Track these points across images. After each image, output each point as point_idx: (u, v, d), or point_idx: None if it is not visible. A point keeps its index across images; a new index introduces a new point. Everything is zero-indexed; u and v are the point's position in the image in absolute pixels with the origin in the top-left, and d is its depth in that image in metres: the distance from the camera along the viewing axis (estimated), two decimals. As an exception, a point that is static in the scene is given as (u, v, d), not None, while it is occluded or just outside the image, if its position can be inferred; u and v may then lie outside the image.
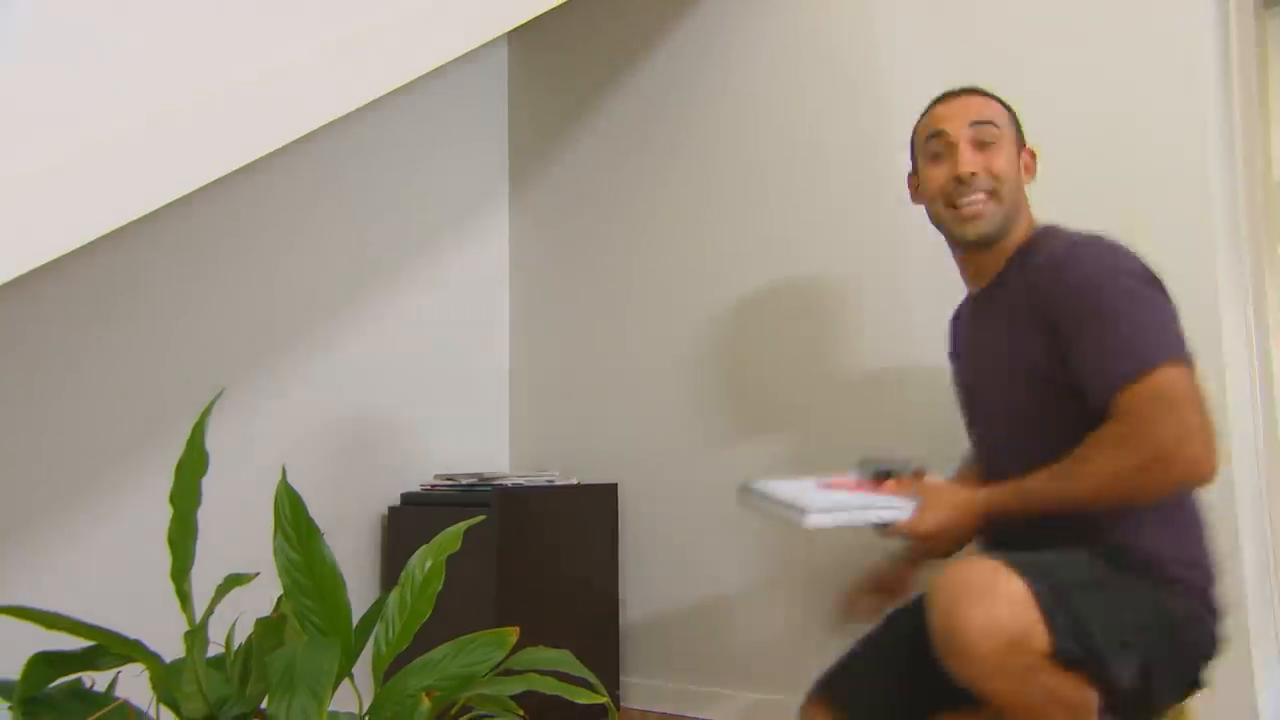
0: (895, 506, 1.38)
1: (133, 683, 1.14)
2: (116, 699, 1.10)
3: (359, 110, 1.70)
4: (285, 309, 2.48)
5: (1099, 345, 1.35)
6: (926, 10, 2.26)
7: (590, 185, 2.91)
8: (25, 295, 1.94)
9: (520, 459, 2.95)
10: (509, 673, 1.21)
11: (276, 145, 1.56)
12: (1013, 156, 1.53)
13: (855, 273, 2.31)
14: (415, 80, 1.80)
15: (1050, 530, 1.36)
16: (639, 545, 2.63)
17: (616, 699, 2.56)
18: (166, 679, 1.10)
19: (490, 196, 3.06)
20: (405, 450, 2.69)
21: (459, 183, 2.97)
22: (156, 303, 2.21)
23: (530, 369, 2.99)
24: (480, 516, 1.41)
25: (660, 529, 2.59)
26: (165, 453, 1.27)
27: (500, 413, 2.99)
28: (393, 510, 2.58)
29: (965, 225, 1.51)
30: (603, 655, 2.53)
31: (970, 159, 1.50)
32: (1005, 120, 1.56)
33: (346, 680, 1.13)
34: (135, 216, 1.37)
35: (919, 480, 1.45)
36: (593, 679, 1.22)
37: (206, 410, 1.20)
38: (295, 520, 1.18)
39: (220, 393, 1.33)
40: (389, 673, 1.20)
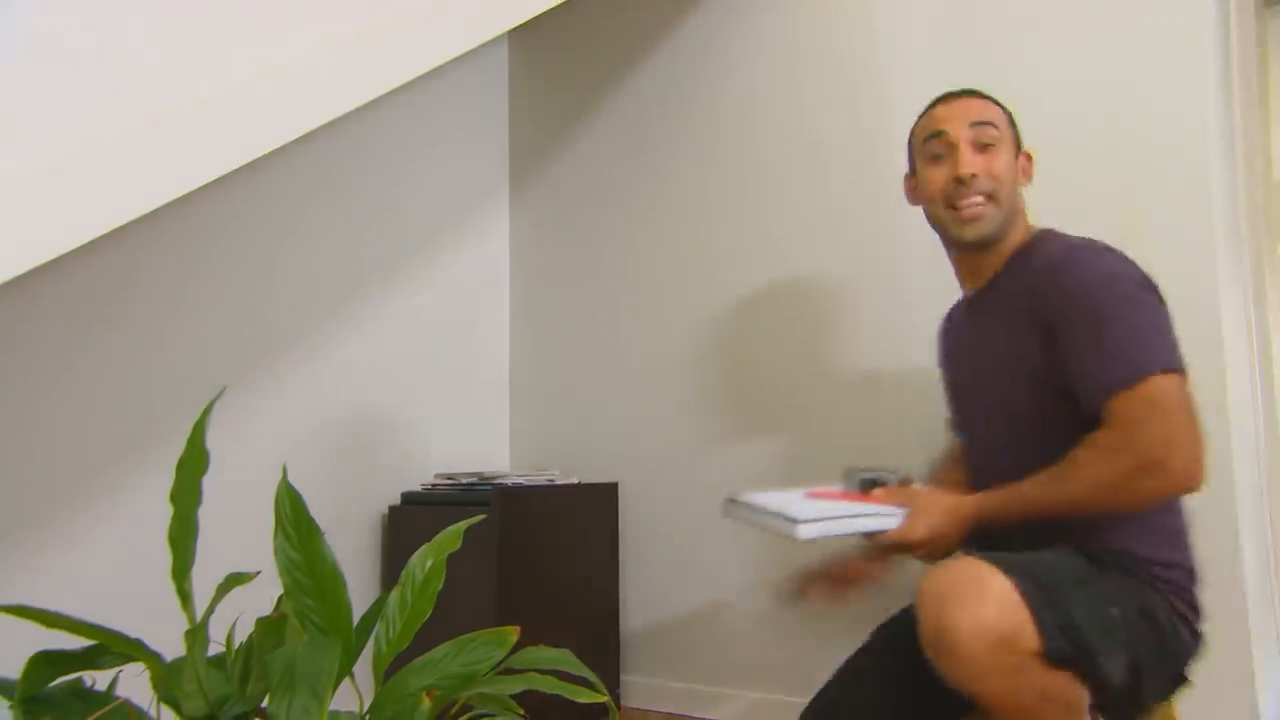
0: (885, 515, 1.39)
1: (133, 682, 1.14)
2: (117, 698, 1.10)
3: (359, 108, 1.70)
4: (286, 307, 2.48)
5: (1094, 350, 1.35)
6: (926, 9, 2.27)
7: (591, 184, 2.91)
8: (26, 295, 1.94)
9: (520, 458, 2.95)
10: (509, 672, 1.21)
11: (276, 144, 1.56)
12: (1011, 159, 1.53)
13: (855, 272, 2.31)
14: (415, 78, 1.80)
15: (1034, 529, 1.37)
16: (639, 544, 2.63)
17: (617, 698, 2.56)
18: (167, 678, 1.10)
19: (490, 195, 3.06)
20: (405, 449, 2.69)
21: (459, 181, 2.97)
22: (157, 301, 2.21)
23: (531, 368, 2.99)
24: (481, 516, 1.41)
25: (660, 528, 2.60)
26: (166, 451, 1.27)
27: (500, 412, 2.99)
28: (393, 509, 2.59)
29: (965, 227, 1.51)
30: (603, 654, 2.53)
31: (970, 160, 1.50)
32: (1004, 122, 1.55)
33: (347, 679, 1.13)
34: (136, 215, 1.37)
35: (907, 488, 1.46)
36: (593, 678, 1.22)
37: (207, 409, 1.20)
38: (296, 519, 1.18)
39: (221, 391, 1.33)
40: (389, 672, 1.20)
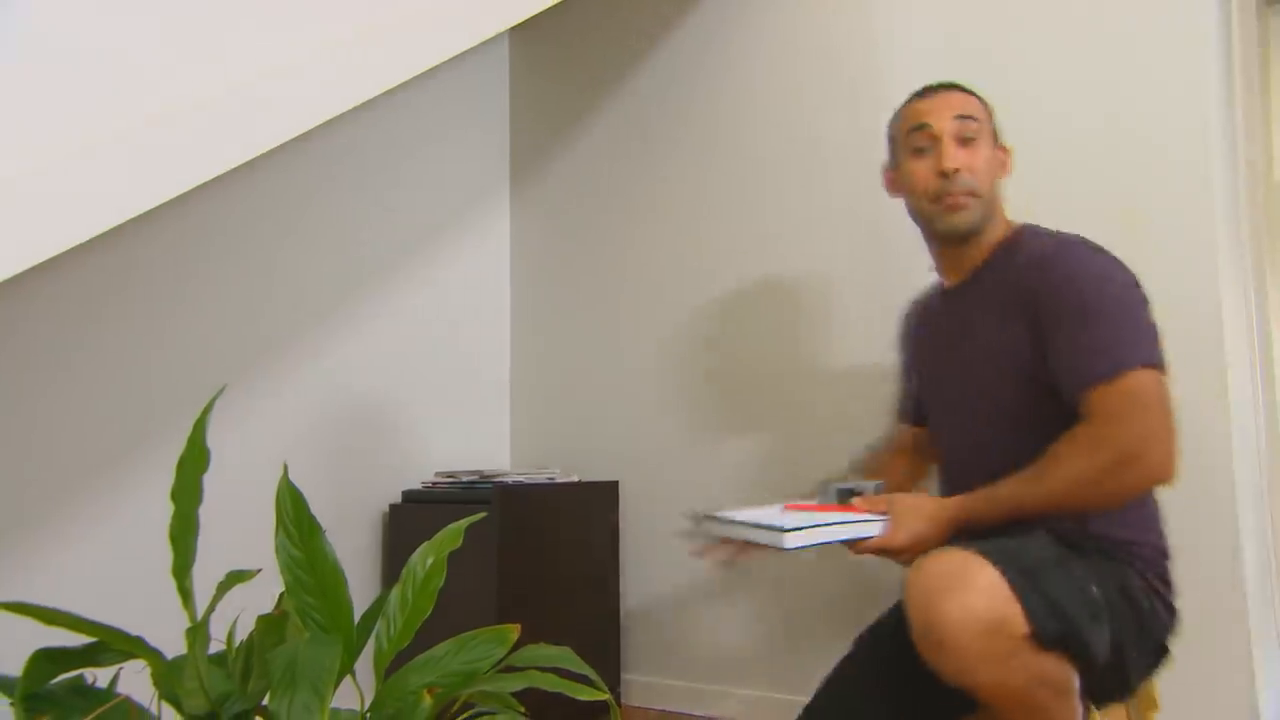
0: (867, 522, 1.40)
1: (134, 679, 1.14)
2: (118, 695, 1.10)
3: (360, 107, 1.70)
4: (287, 305, 2.48)
5: (1076, 343, 1.37)
6: (926, 9, 2.26)
7: (592, 182, 2.91)
8: (26, 294, 1.94)
9: (521, 456, 2.95)
10: (510, 670, 1.21)
11: (276, 142, 1.56)
12: (991, 152, 1.56)
13: (856, 270, 2.31)
14: (416, 76, 1.80)
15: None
16: (640, 542, 2.63)
17: (617, 696, 2.56)
18: (168, 676, 1.10)
19: (491, 192, 3.06)
20: (406, 447, 2.69)
21: (460, 179, 2.97)
22: (158, 300, 2.21)
23: (531, 366, 2.99)
24: (481, 514, 1.41)
25: (661, 526, 2.59)
26: (166, 450, 1.27)
27: (501, 410, 2.99)
28: (394, 508, 2.59)
29: (950, 216, 1.53)
30: (603, 652, 2.53)
31: (954, 154, 1.51)
32: (985, 116, 1.57)
33: (348, 677, 1.13)
34: (137, 213, 1.37)
35: (885, 495, 1.46)
36: (594, 676, 1.22)
37: (208, 406, 1.19)
38: (297, 517, 1.17)
39: (222, 389, 1.33)
40: (390, 670, 1.20)
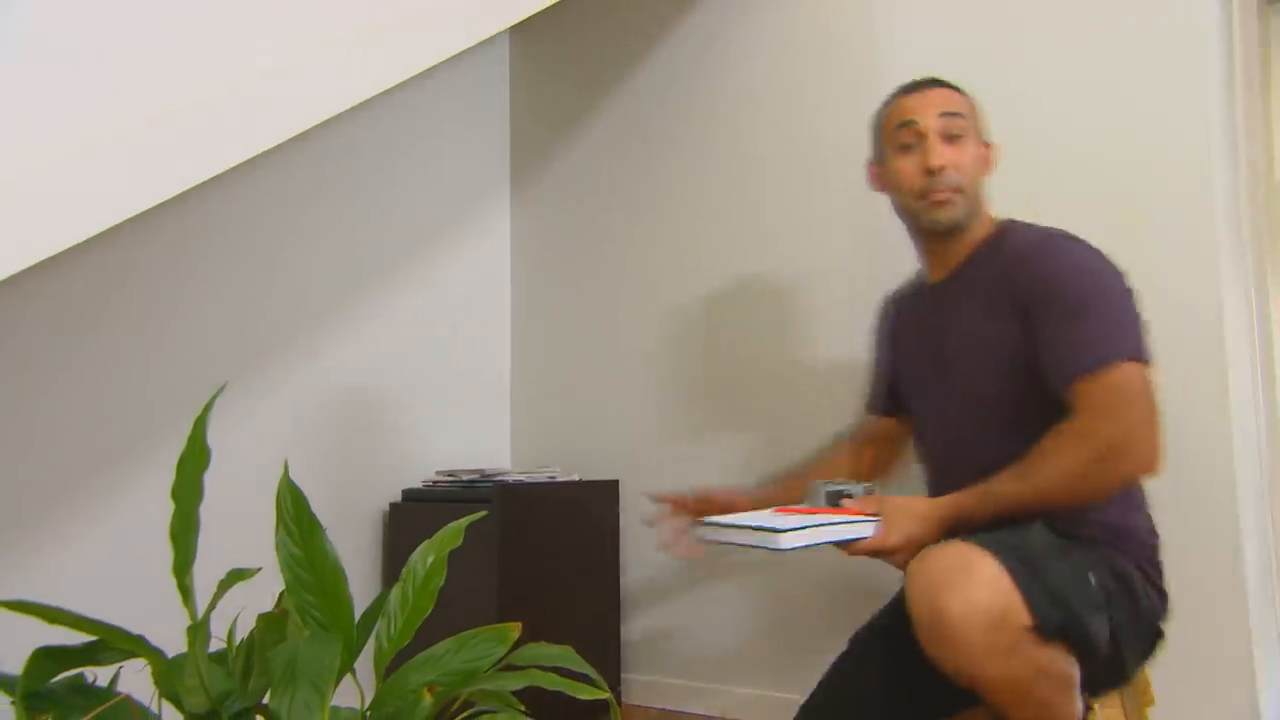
0: (860, 523, 1.40)
1: (135, 678, 1.14)
2: (119, 694, 1.10)
3: (361, 105, 1.71)
4: (287, 304, 2.48)
5: (1063, 336, 1.39)
6: (926, 9, 2.26)
7: (593, 181, 2.91)
8: (26, 293, 1.94)
9: (521, 455, 2.95)
10: (511, 668, 1.21)
11: (276, 141, 1.56)
12: (976, 149, 1.57)
13: (856, 270, 2.31)
14: (417, 75, 1.80)
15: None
16: (640, 541, 2.63)
17: (618, 695, 2.56)
18: (169, 674, 1.10)
19: (492, 190, 3.06)
20: (406, 446, 2.69)
21: (460, 176, 2.97)
22: (159, 299, 2.21)
23: (532, 364, 2.99)
24: (482, 512, 1.40)
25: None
26: (167, 448, 1.27)
27: (501, 409, 2.99)
28: (394, 506, 2.59)
29: (937, 211, 1.54)
30: (604, 651, 2.53)
31: (940, 151, 1.53)
32: (970, 112, 1.58)
33: (349, 675, 1.13)
34: (138, 212, 1.37)
35: (876, 497, 1.47)
36: (594, 675, 1.22)
37: (209, 404, 1.19)
38: (297, 515, 1.17)
39: (222, 387, 1.32)
40: (391, 668, 1.20)
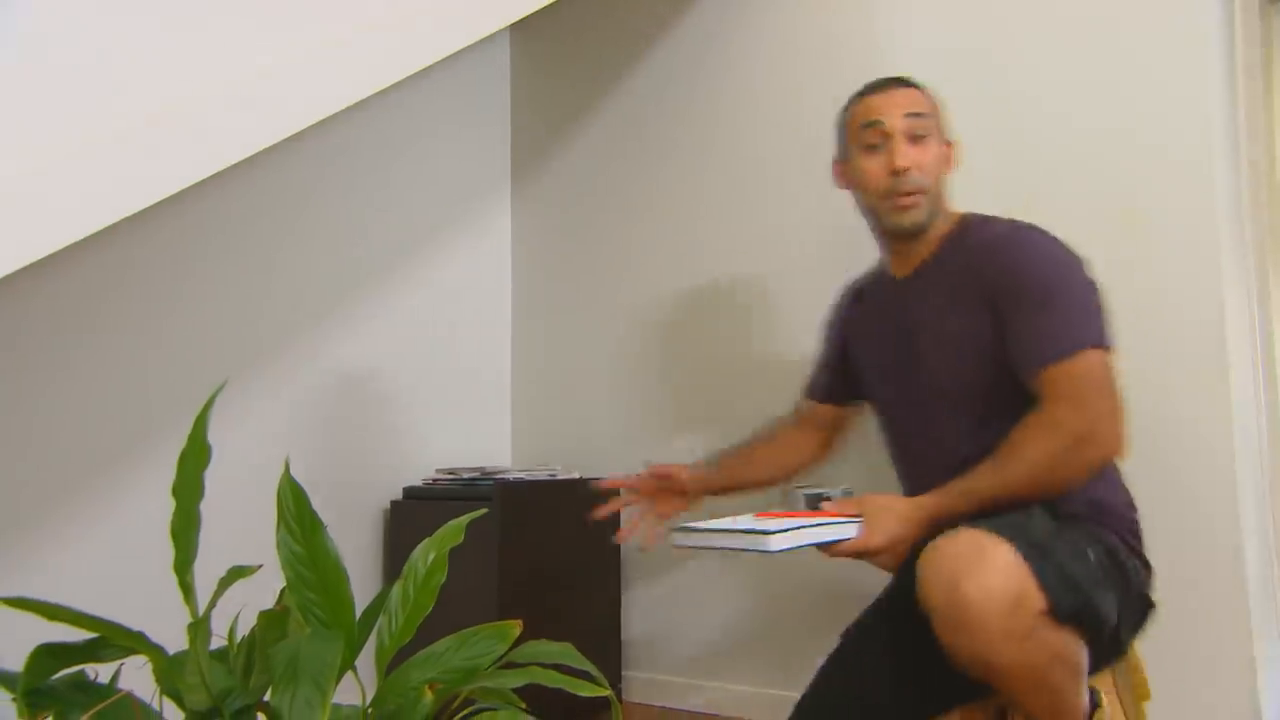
0: (843, 524, 1.40)
1: (136, 675, 1.14)
2: (119, 691, 1.10)
3: (361, 104, 1.71)
4: (288, 302, 2.48)
5: (1030, 326, 1.42)
6: (926, 9, 2.26)
7: (594, 180, 2.91)
8: (27, 292, 1.94)
9: (522, 453, 2.94)
10: (511, 666, 1.21)
11: (276, 140, 1.56)
12: (939, 149, 1.58)
13: (860, 268, 2.30)
14: (417, 74, 1.80)
15: None
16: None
17: (618, 692, 2.56)
18: (170, 671, 1.10)
19: (492, 188, 3.06)
20: (407, 444, 2.69)
21: (461, 174, 2.97)
22: (160, 297, 2.21)
23: (532, 362, 2.99)
24: (482, 510, 1.40)
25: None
26: (167, 447, 1.27)
27: (502, 407, 2.99)
28: (395, 504, 2.58)
29: (902, 215, 1.56)
30: (604, 648, 2.53)
31: (905, 152, 1.54)
32: (934, 111, 1.60)
33: (350, 673, 1.13)
34: (138, 210, 1.38)
35: (856, 498, 1.47)
36: (595, 672, 1.22)
37: (209, 402, 1.19)
38: (298, 513, 1.17)
39: (223, 385, 1.32)
40: (392, 665, 1.20)
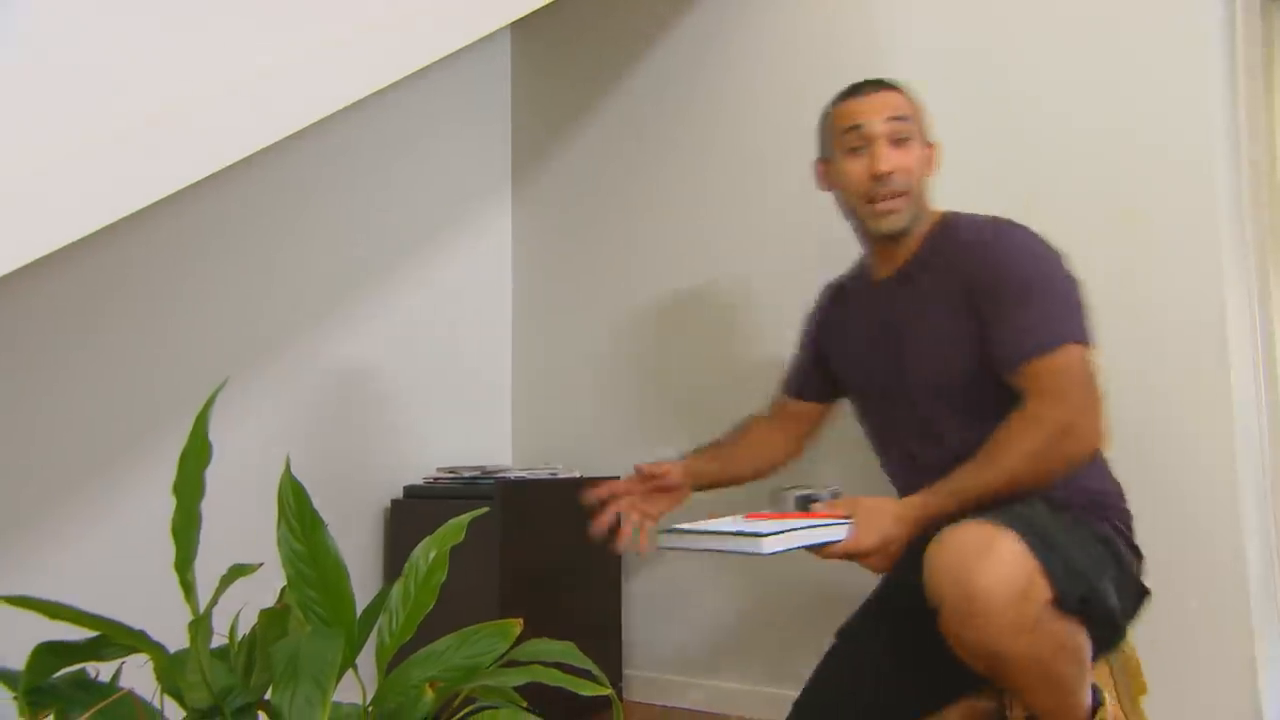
0: (834, 526, 1.40)
1: (137, 673, 1.14)
2: (121, 689, 1.10)
3: (362, 103, 1.70)
4: (289, 301, 2.47)
5: (1012, 321, 1.44)
6: (925, 8, 2.26)
7: (594, 179, 2.90)
8: (28, 291, 1.94)
9: (523, 452, 2.94)
10: (513, 664, 1.21)
11: (277, 138, 1.56)
12: (921, 151, 1.59)
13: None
14: (417, 72, 1.80)
15: None
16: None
17: (619, 691, 2.56)
18: (171, 669, 1.10)
19: (493, 187, 3.05)
20: (408, 443, 2.68)
21: (461, 174, 2.96)
22: (160, 296, 2.21)
23: (533, 361, 2.99)
24: (484, 509, 1.40)
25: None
26: (167, 445, 1.27)
27: (502, 406, 2.99)
28: (395, 503, 2.58)
29: (882, 220, 1.57)
30: (605, 647, 2.53)
31: (887, 156, 1.55)
32: (915, 114, 1.60)
33: (350, 671, 1.12)
34: (138, 209, 1.38)
35: (845, 499, 1.47)
36: (596, 671, 1.22)
37: (210, 400, 1.19)
38: (299, 511, 1.17)
39: (224, 383, 1.32)
40: (392, 664, 1.20)
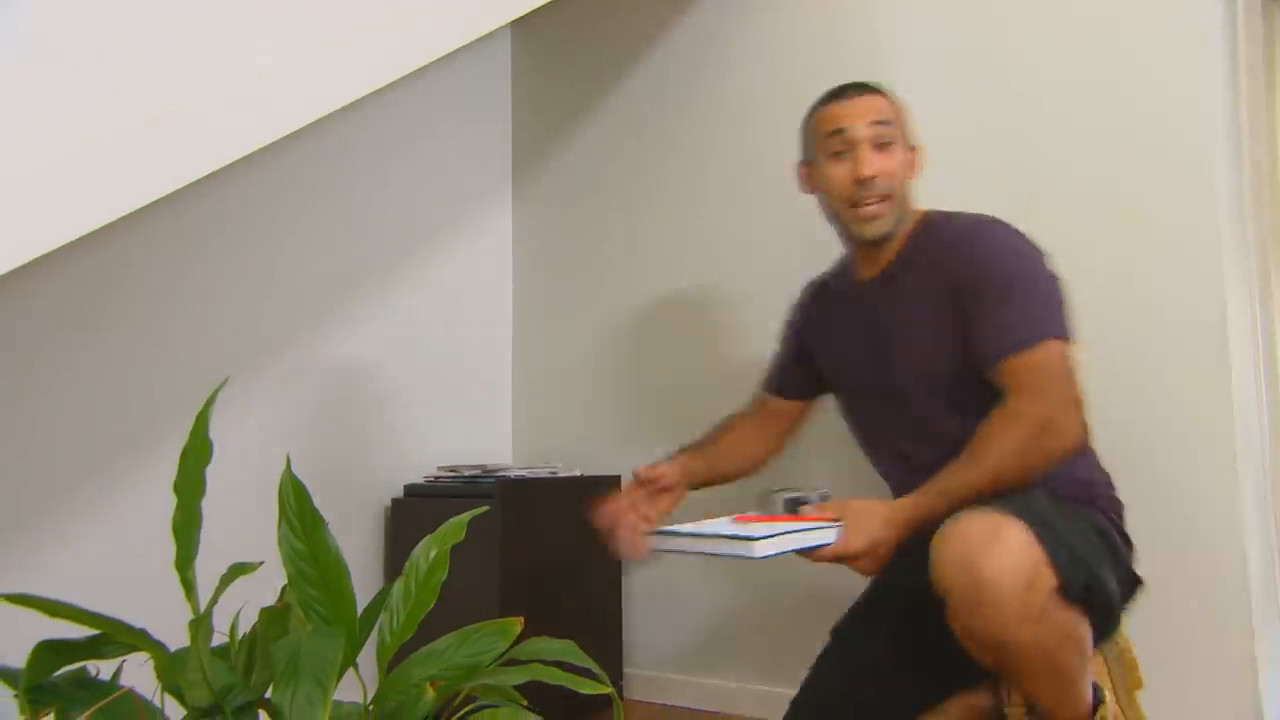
0: (824, 529, 1.40)
1: (137, 671, 1.14)
2: (121, 688, 1.10)
3: (362, 103, 1.70)
4: (289, 300, 2.47)
5: (993, 317, 1.45)
6: (925, 8, 2.26)
7: (595, 178, 2.90)
8: (27, 290, 1.93)
9: (523, 451, 2.94)
10: (513, 663, 1.21)
11: (277, 138, 1.56)
12: (904, 155, 1.59)
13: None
14: (417, 72, 1.80)
15: None
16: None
17: (620, 689, 2.56)
18: (171, 668, 1.10)
19: (493, 187, 3.05)
20: (408, 442, 2.68)
21: (461, 174, 2.96)
22: (161, 296, 2.21)
23: (533, 360, 2.99)
24: (484, 508, 1.40)
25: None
26: (167, 444, 1.27)
27: (503, 404, 2.99)
28: (396, 502, 2.58)
29: (865, 225, 1.58)
30: (606, 646, 2.53)
31: (870, 160, 1.55)
32: (898, 118, 1.61)
33: (351, 670, 1.12)
34: (138, 208, 1.37)
35: (834, 502, 1.47)
36: (597, 669, 1.22)
37: (211, 398, 1.19)
38: (300, 510, 1.17)
39: (224, 382, 1.32)
40: (393, 662, 1.20)
